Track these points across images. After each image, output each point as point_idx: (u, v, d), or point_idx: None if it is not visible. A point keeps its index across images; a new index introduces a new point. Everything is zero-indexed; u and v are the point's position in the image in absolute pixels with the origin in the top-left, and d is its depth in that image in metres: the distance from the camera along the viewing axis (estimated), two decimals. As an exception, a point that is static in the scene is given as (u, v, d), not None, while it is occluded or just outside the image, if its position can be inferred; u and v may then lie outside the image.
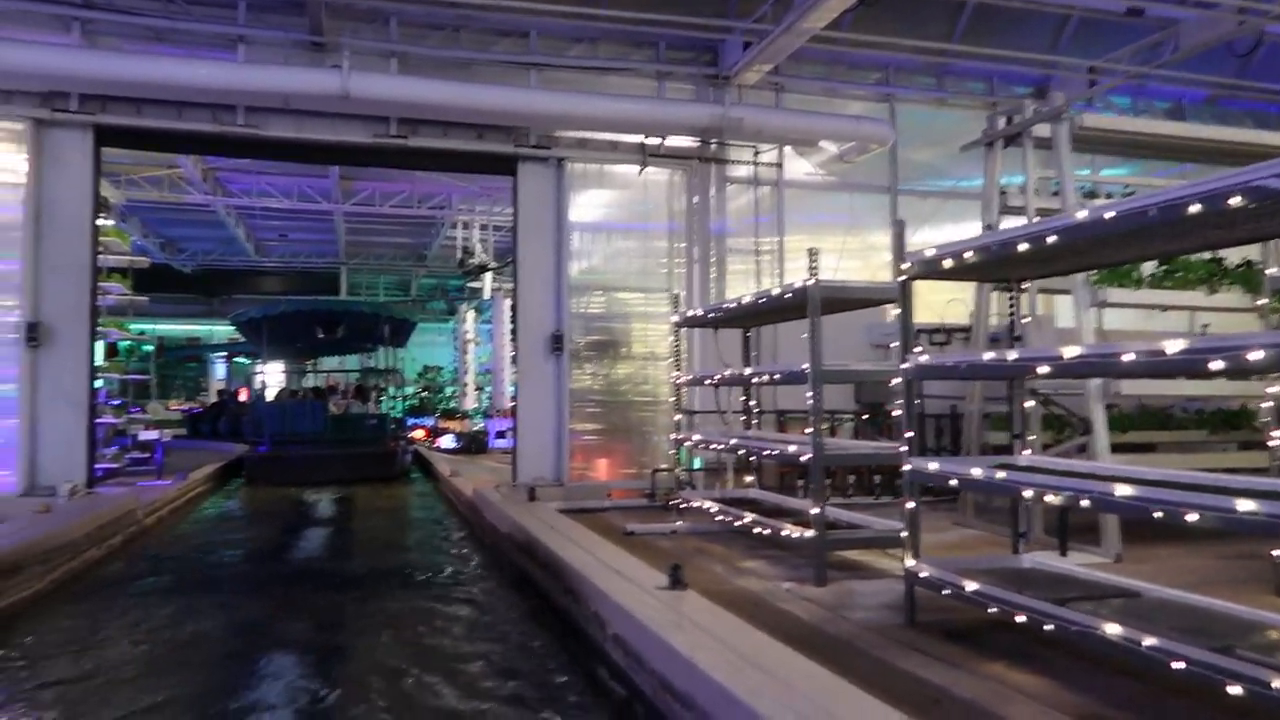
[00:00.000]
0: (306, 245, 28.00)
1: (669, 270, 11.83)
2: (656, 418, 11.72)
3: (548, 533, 7.43)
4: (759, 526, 7.32)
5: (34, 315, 10.01)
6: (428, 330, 30.78)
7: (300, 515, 12.27)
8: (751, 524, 7.41)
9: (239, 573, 8.60)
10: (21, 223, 9.95)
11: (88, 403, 10.28)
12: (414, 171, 18.02)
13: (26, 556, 6.87)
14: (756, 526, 7.35)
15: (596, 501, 10.82)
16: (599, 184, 11.70)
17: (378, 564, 8.88)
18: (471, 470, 15.34)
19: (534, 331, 11.43)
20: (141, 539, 9.88)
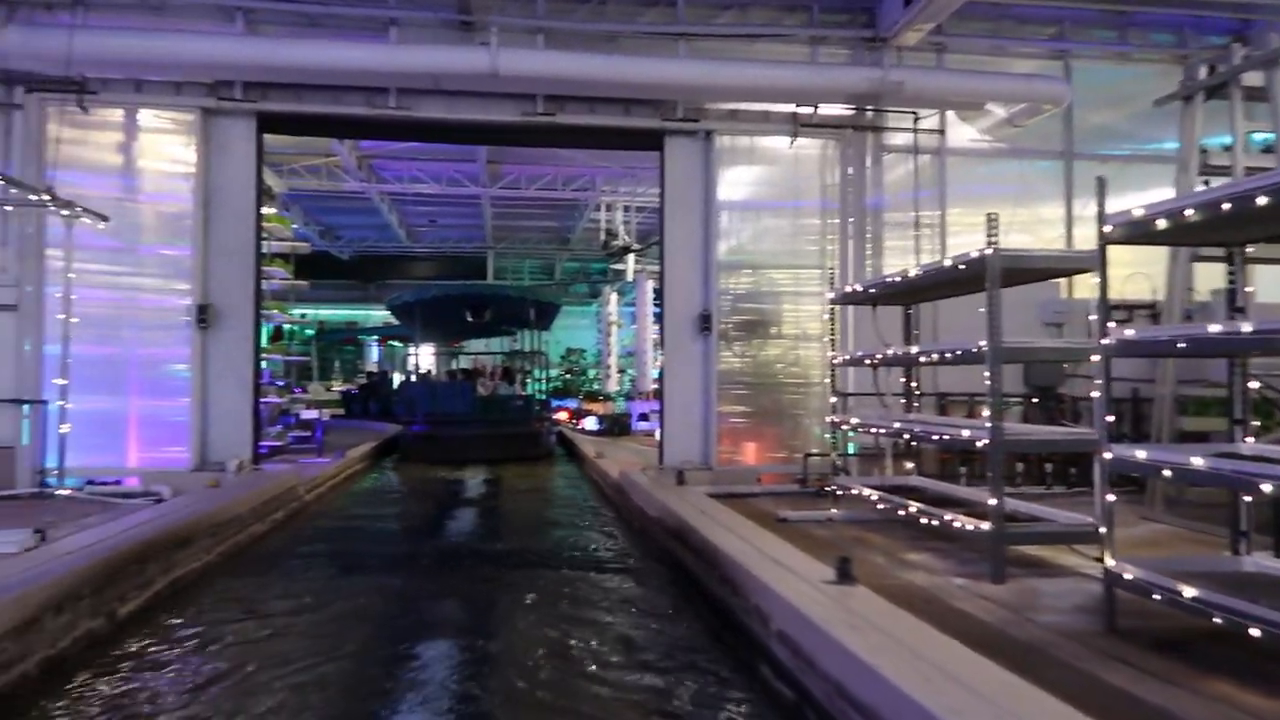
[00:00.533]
0: (455, 230, 28.64)
1: (821, 247, 11.30)
2: (807, 400, 11.25)
3: (700, 518, 7.13)
4: (925, 516, 6.82)
5: (203, 298, 10.44)
6: (571, 313, 30.98)
7: (450, 494, 12.45)
8: (917, 514, 6.91)
9: (394, 549, 8.71)
10: (191, 211, 10.37)
11: (253, 382, 10.66)
12: (559, 152, 18.01)
13: (196, 530, 7.10)
14: (923, 516, 6.84)
15: (746, 486, 10.48)
16: (748, 159, 11.27)
17: (526, 544, 8.83)
18: (615, 452, 15.24)
19: (681, 311, 11.15)
20: (302, 514, 10.19)
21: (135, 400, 10.33)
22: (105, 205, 9.73)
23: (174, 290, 10.41)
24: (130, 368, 10.35)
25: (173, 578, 6.53)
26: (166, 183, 10.48)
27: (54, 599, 4.88)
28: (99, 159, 10.36)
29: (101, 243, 10.17)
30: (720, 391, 11.05)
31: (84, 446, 10.00)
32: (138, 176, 10.43)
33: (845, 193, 11.20)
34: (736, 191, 11.25)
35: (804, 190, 11.29)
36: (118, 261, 10.33)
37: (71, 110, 9.99)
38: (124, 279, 10.36)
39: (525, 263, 33.62)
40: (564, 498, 12.16)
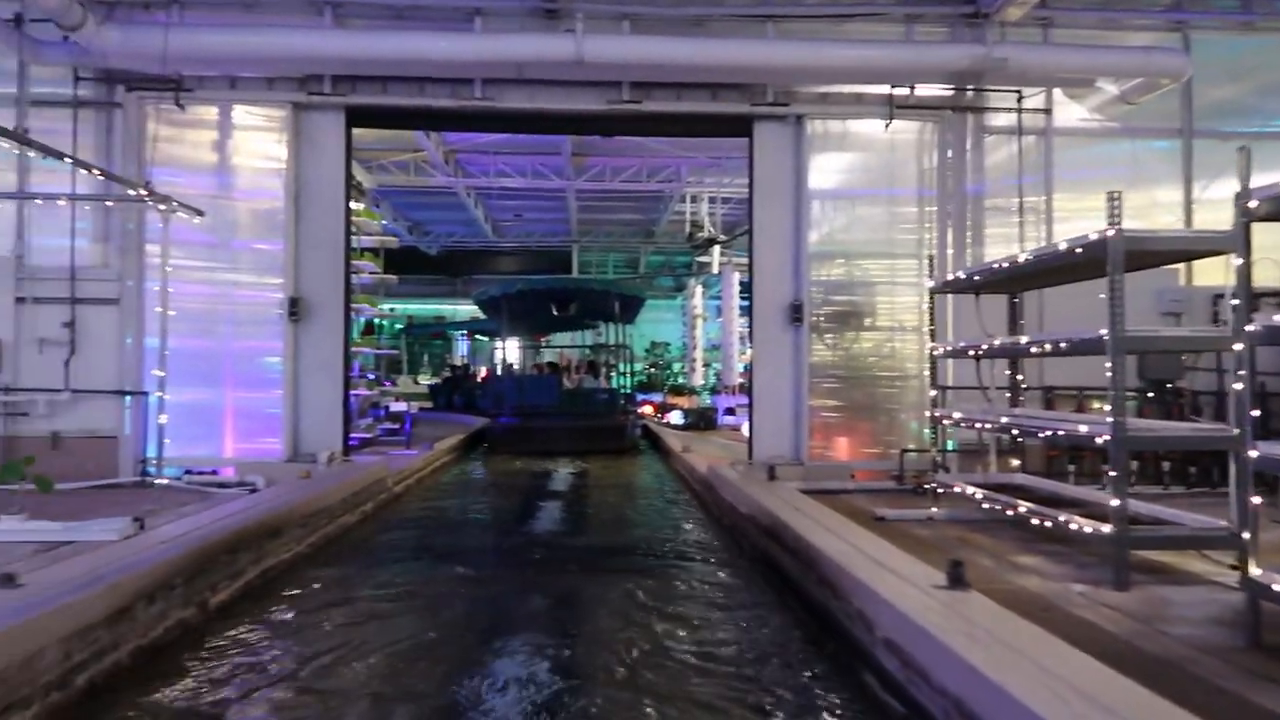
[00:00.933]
0: (540, 225, 28.76)
1: (917, 235, 10.84)
2: (903, 394, 10.82)
3: (794, 515, 6.84)
4: (1037, 517, 6.40)
5: (294, 291, 10.55)
6: (655, 307, 30.85)
7: (536, 487, 12.38)
8: (1028, 514, 6.50)
9: (480, 541, 8.66)
10: (283, 205, 10.49)
11: (343, 374, 10.75)
12: (644, 143, 17.85)
13: (288, 520, 7.12)
14: (1034, 517, 6.43)
15: (839, 483, 10.12)
16: (840, 144, 10.87)
17: (612, 539, 8.67)
18: (701, 446, 14.99)
19: (770, 302, 10.83)
20: (391, 506, 10.23)
21: (231, 392, 10.51)
22: (200, 201, 9.88)
23: (267, 284, 10.55)
24: (226, 360, 10.53)
25: (264, 567, 6.55)
26: (258, 178, 10.63)
27: (147, 588, 4.89)
28: (194, 156, 10.55)
29: (197, 238, 10.36)
30: (811, 385, 10.70)
31: (183, 437, 10.22)
32: (231, 173, 10.60)
33: (944, 177, 10.72)
34: (828, 178, 10.88)
35: (899, 175, 10.85)
36: (213, 257, 10.52)
37: (168, 108, 10.21)
38: (219, 274, 10.55)
39: (610, 256, 33.63)
40: (650, 492, 11.97)
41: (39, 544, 6.52)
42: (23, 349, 10.00)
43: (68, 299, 10.06)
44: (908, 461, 10.08)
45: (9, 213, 10.06)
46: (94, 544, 6.14)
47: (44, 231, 10.13)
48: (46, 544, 6.44)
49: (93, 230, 10.27)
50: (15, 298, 10.02)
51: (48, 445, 9.98)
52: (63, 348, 10.03)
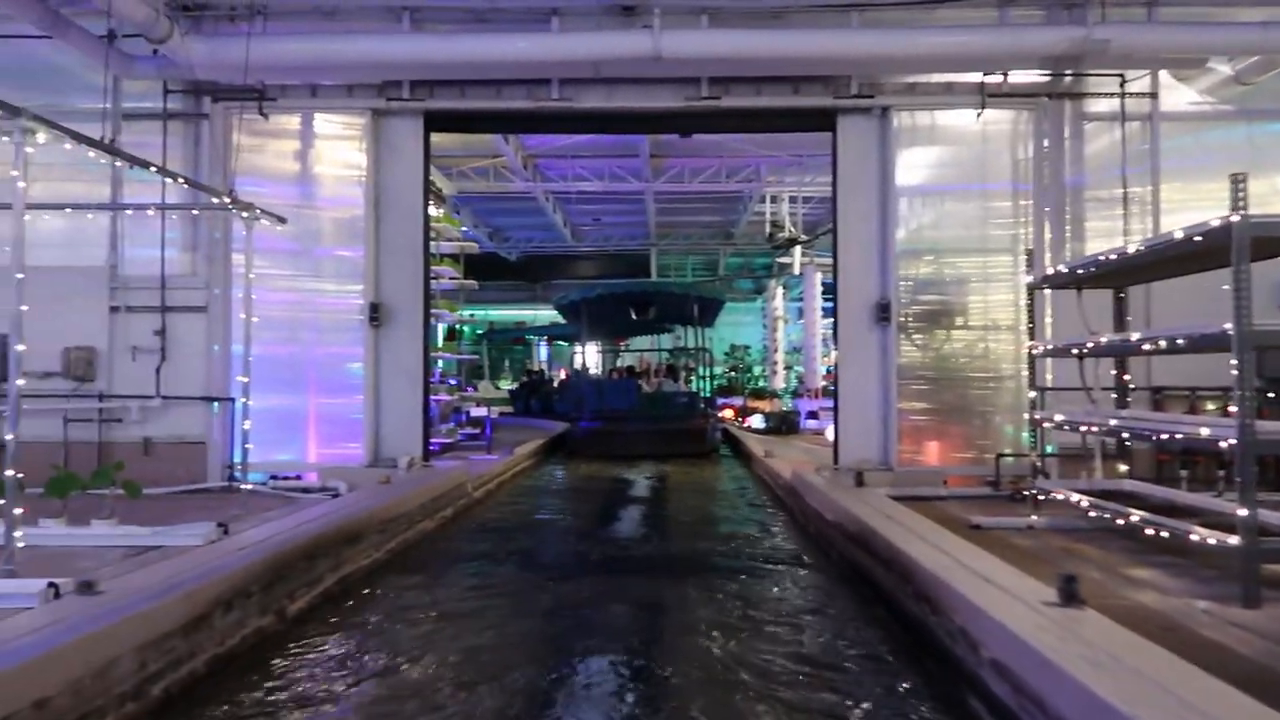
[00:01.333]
0: (619, 229, 28.69)
1: (1013, 230, 10.34)
2: (997, 396, 10.33)
3: (886, 524, 6.50)
4: (1152, 527, 5.94)
5: (375, 296, 10.60)
6: (734, 310, 30.47)
7: (616, 492, 12.20)
8: (1140, 523, 6.04)
9: (561, 548, 8.49)
10: (363, 212, 10.55)
11: (423, 380, 10.75)
12: (723, 142, 17.57)
13: (367, 526, 7.07)
14: (1148, 527, 5.96)
15: (930, 489, 9.70)
16: (928, 136, 10.42)
17: (695, 546, 8.40)
18: (784, 451, 14.66)
19: (856, 301, 10.46)
20: (470, 512, 10.16)
21: (314, 398, 10.61)
22: (283, 209, 10.02)
23: (348, 290, 10.62)
24: (309, 366, 10.63)
25: (342, 574, 6.49)
26: (339, 186, 10.71)
27: (224, 595, 4.84)
28: (277, 165, 10.69)
29: (281, 246, 10.50)
30: (900, 387, 10.29)
31: (268, 442, 10.34)
32: (313, 181, 10.72)
33: (1040, 168, 10.19)
34: (916, 172, 10.45)
35: (992, 167, 10.36)
36: (296, 264, 10.64)
37: (252, 118, 10.34)
38: (302, 281, 10.67)
39: (688, 259, 33.39)
40: (732, 498, 11.68)
41: (128, 548, 6.61)
42: (116, 357, 10.25)
43: (158, 307, 10.29)
44: (1003, 467, 9.66)
45: (103, 225, 10.32)
46: (179, 549, 6.18)
47: (135, 242, 10.37)
48: (135, 548, 6.52)
49: (181, 240, 10.48)
50: (109, 306, 10.29)
51: (140, 451, 10.21)
52: (154, 355, 10.26)
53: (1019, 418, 10.24)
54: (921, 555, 5.26)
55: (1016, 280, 10.26)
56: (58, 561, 5.79)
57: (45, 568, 5.36)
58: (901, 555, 5.49)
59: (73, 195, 9.95)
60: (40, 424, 9.98)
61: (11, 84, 8.93)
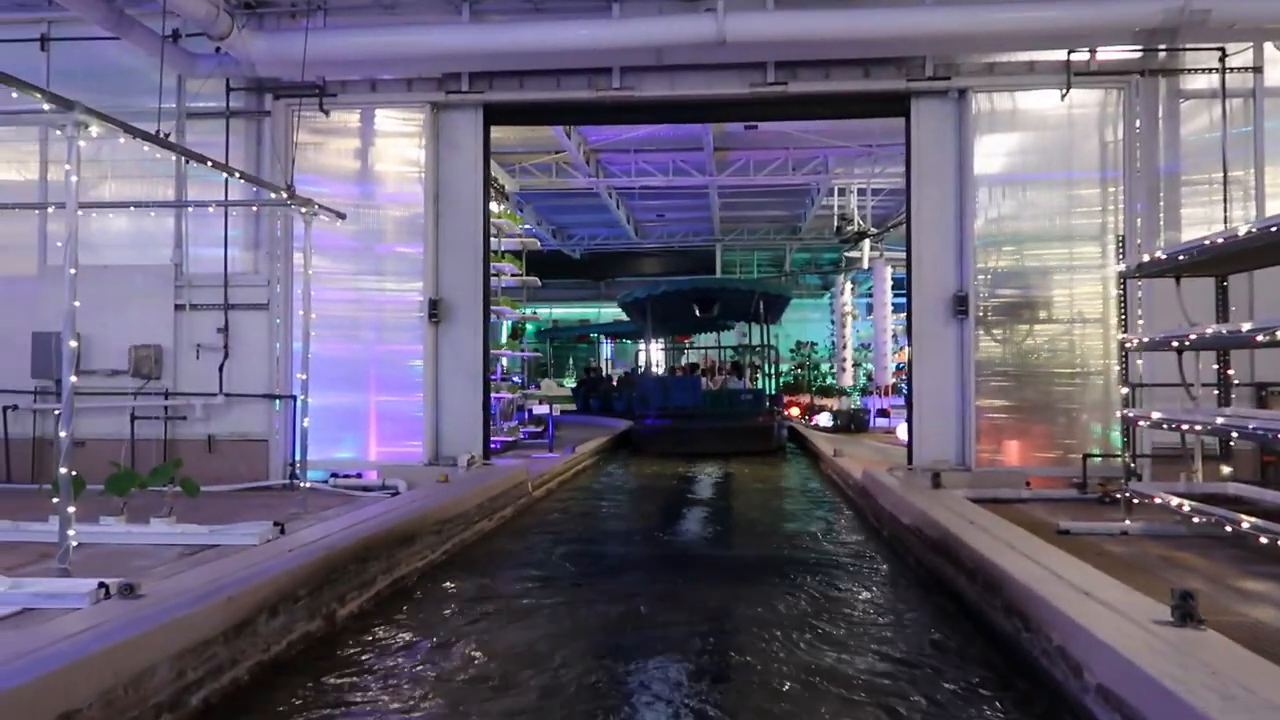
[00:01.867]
0: (683, 224, 28.34)
1: (1100, 218, 9.74)
2: (1083, 392, 9.75)
3: (968, 529, 6.07)
4: (1265, 535, 5.42)
5: (434, 293, 10.45)
6: (801, 306, 30.00)
7: (680, 492, 11.86)
8: (1253, 530, 5.52)
9: (623, 550, 8.13)
10: (422, 207, 10.40)
11: (483, 377, 10.57)
12: (789, 133, 17.14)
13: (421, 526, 6.87)
14: (1262, 535, 5.44)
15: (1011, 490, 9.18)
16: (1009, 119, 9.86)
17: (762, 551, 8.00)
18: (854, 449, 14.17)
19: (932, 293, 9.98)
20: (530, 511, 9.93)
21: (374, 396, 10.51)
22: (343, 206, 9.87)
23: (408, 288, 10.50)
24: (369, 364, 10.53)
25: (395, 577, 6.28)
26: (399, 182, 10.60)
27: (270, 599, 4.65)
28: (337, 163, 10.63)
29: (341, 244, 10.45)
30: (978, 383, 9.78)
31: (329, 440, 10.30)
32: (372, 177, 10.62)
33: (1130, 152, 9.57)
34: (995, 157, 9.90)
35: (1078, 151, 9.78)
36: (356, 262, 10.56)
37: (311, 114, 10.27)
38: (362, 278, 10.58)
39: (754, 255, 32.89)
40: (801, 498, 11.25)
41: (185, 547, 6.53)
42: (181, 354, 10.28)
43: (221, 305, 10.29)
44: (1091, 468, 9.13)
45: (168, 225, 10.37)
46: (236, 548, 6.06)
47: (199, 242, 10.40)
48: (192, 547, 6.44)
49: (244, 239, 10.48)
50: (175, 304, 10.32)
51: (204, 448, 10.23)
52: (217, 353, 10.26)
53: (1107, 415, 9.68)
54: (1013, 566, 4.83)
55: (1104, 271, 9.71)
56: (115, 560, 5.71)
57: (102, 567, 5.28)
58: (989, 565, 5.07)
59: (139, 196, 10.06)
60: (107, 421, 10.09)
61: (80, 86, 8.93)
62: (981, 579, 5.14)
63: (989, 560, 5.09)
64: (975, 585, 5.27)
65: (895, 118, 10.39)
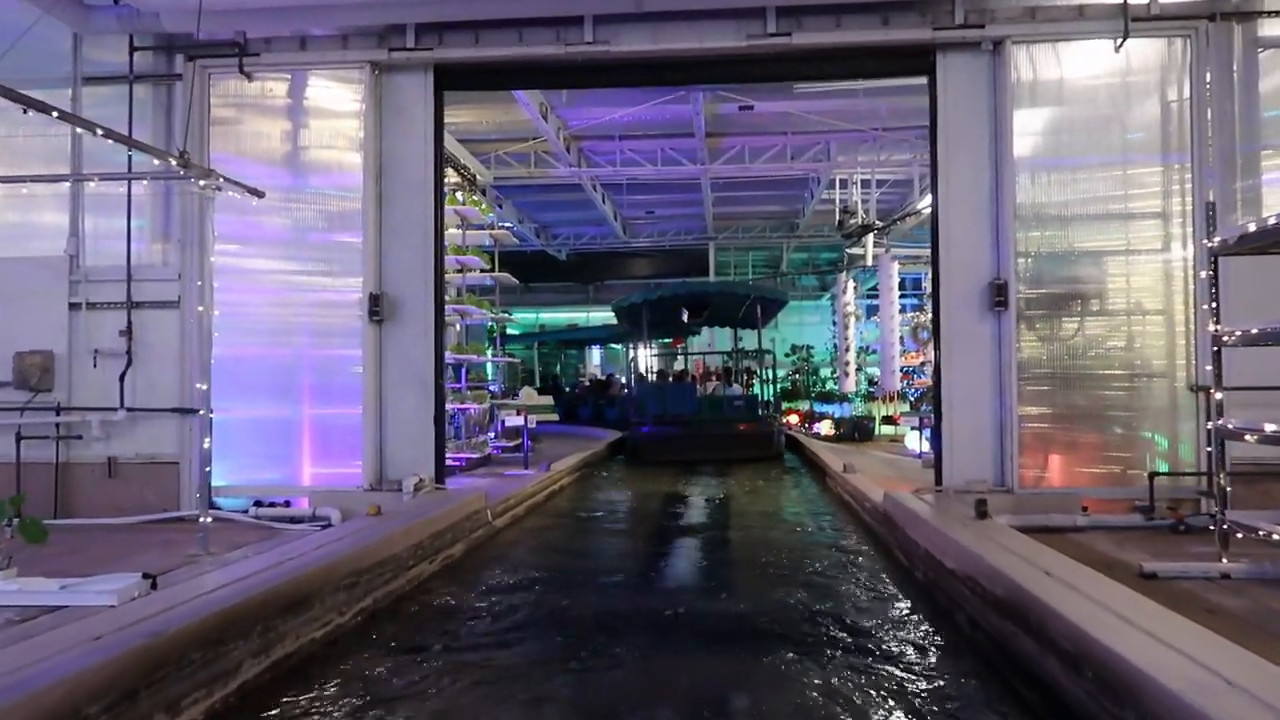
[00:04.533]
0: (674, 222, 26.82)
1: (1162, 189, 8.22)
2: (1145, 397, 8.23)
3: (1045, 584, 4.50)
4: None
5: (376, 287, 8.88)
6: (797, 309, 28.65)
7: (668, 521, 10.09)
8: None
9: (593, 606, 6.22)
10: (361, 186, 8.83)
11: (434, 385, 8.99)
12: (788, 113, 15.62)
13: (324, 583, 5.25)
14: None
15: (1064, 516, 7.68)
16: (1053, 81, 8.27)
17: (769, 607, 6.14)
18: (863, 463, 12.65)
19: (963, 282, 8.45)
20: (487, 547, 8.28)
21: (308, 408, 8.93)
22: (271, 188, 8.42)
23: (345, 283, 8.90)
24: (303, 372, 8.95)
25: (274, 659, 4.62)
26: (335, 159, 9.01)
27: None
28: (262, 137, 9.02)
29: (268, 232, 8.92)
30: (1020, 387, 8.24)
31: (255, 461, 8.83)
32: (304, 153, 9.03)
33: (1200, 111, 8.04)
34: (1037, 121, 8.35)
35: (1136, 111, 8.24)
36: (286, 253, 8.98)
37: (227, 77, 8.79)
38: (294, 273, 8.97)
39: (749, 255, 31.41)
40: (810, 529, 9.42)
41: (21, 610, 5.06)
42: (76, 362, 8.71)
43: (124, 304, 8.73)
44: (1159, 488, 7.65)
45: (62, 209, 8.83)
46: (86, 611, 4.61)
47: (99, 230, 8.87)
48: (32, 609, 4.99)
49: (151, 226, 8.93)
50: (69, 303, 8.75)
51: (104, 473, 8.68)
52: (119, 360, 8.69)
53: (1172, 425, 8.16)
54: (1145, 660, 3.25)
55: (1167, 254, 8.20)
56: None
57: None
58: (1104, 653, 3.49)
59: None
60: (-13, 443, 8.53)
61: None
62: (1093, 672, 3.56)
63: (1100, 644, 3.52)
64: (1082, 680, 3.68)
65: (917, 77, 8.86)
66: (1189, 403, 8.06)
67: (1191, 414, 8.04)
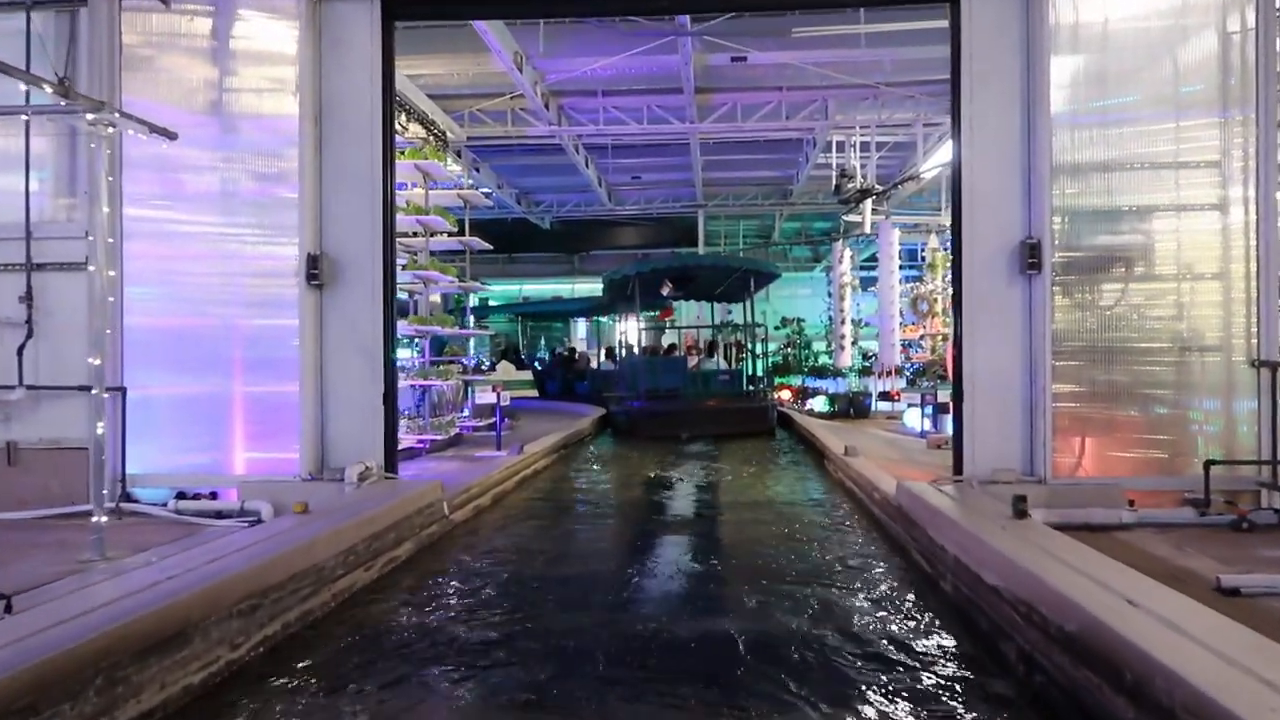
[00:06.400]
0: (662, 189, 25.61)
1: (1220, 134, 7.11)
2: (1197, 373, 7.17)
3: (1140, 625, 3.44)
4: None
5: (315, 246, 7.74)
6: (789, 280, 27.64)
7: (649, 514, 8.86)
8: None
9: (561, 628, 5.06)
10: (297, 131, 7.65)
11: (384, 359, 7.86)
12: (784, 66, 14.44)
13: (212, 607, 4.15)
14: None
15: (1106, 511, 6.68)
16: (1095, 5, 7.20)
17: (767, 625, 4.98)
18: (863, 443, 11.65)
19: (989, 241, 7.37)
20: (440, 547, 7.16)
21: (240, 385, 7.80)
22: (194, 135, 7.28)
23: (282, 244, 7.73)
24: (234, 344, 7.81)
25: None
26: (266, 100, 7.79)
27: None
28: (182, 76, 7.81)
29: (192, 187, 7.75)
30: (1055, 363, 7.18)
31: (181, 444, 7.75)
32: (231, 95, 7.81)
33: (1268, 43, 6.94)
34: (1075, 53, 7.25)
35: (1190, 45, 7.13)
36: (214, 210, 7.77)
37: (146, 3, 7.56)
38: (223, 233, 7.77)
39: (739, 224, 30.29)
40: (811, 524, 8.17)
41: None
42: (-33, 333, 7.56)
43: (22, 265, 7.58)
44: (1215, 478, 6.66)
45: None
46: None
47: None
48: None
49: (55, 179, 7.77)
50: (-41, 265, 7.60)
51: (2, 460, 7.55)
52: (18, 331, 7.55)
53: (1227, 405, 7.12)
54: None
55: (1225, 209, 7.12)
56: None
57: None
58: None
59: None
60: None
61: None
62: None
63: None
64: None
65: (934, 3, 7.71)
66: (1249, 380, 7.01)
67: (1252, 392, 6.99)
